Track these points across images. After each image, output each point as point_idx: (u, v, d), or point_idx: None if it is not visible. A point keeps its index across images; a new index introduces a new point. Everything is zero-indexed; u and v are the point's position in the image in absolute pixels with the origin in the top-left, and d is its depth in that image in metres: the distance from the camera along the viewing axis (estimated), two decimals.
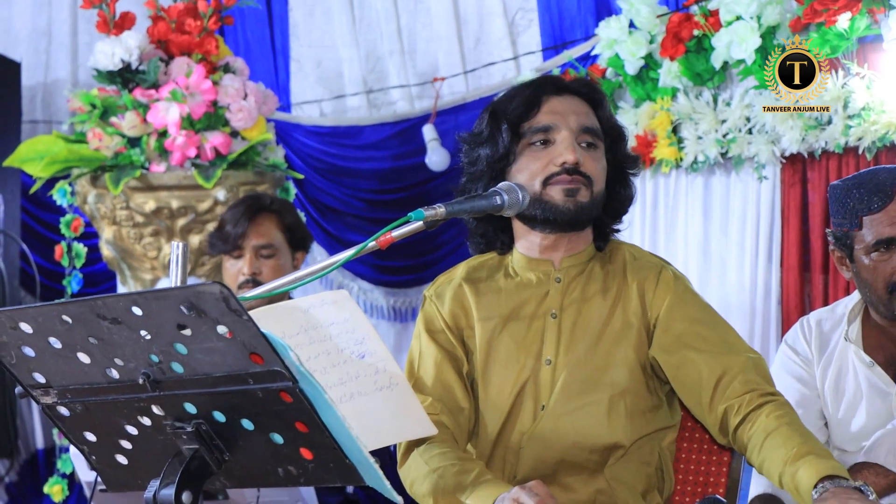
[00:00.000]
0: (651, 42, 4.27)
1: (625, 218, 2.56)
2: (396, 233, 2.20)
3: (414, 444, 2.38)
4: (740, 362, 2.33)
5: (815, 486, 2.04)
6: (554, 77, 2.57)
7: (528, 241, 2.51)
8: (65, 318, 1.68)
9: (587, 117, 2.46)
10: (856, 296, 2.95)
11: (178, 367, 1.68)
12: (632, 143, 4.19)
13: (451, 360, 2.48)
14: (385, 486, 1.71)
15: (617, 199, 2.52)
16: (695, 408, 2.38)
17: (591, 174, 2.42)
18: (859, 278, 2.87)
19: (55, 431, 5.31)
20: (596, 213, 2.45)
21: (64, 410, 1.82)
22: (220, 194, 4.58)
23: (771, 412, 2.23)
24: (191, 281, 4.11)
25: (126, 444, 1.83)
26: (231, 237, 3.92)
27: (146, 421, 1.77)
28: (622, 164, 2.52)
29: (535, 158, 2.42)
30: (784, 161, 3.99)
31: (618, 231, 2.56)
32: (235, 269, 3.92)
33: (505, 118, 2.45)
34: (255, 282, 3.85)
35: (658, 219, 4.41)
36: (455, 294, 2.52)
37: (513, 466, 2.41)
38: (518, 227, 2.51)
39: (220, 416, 1.72)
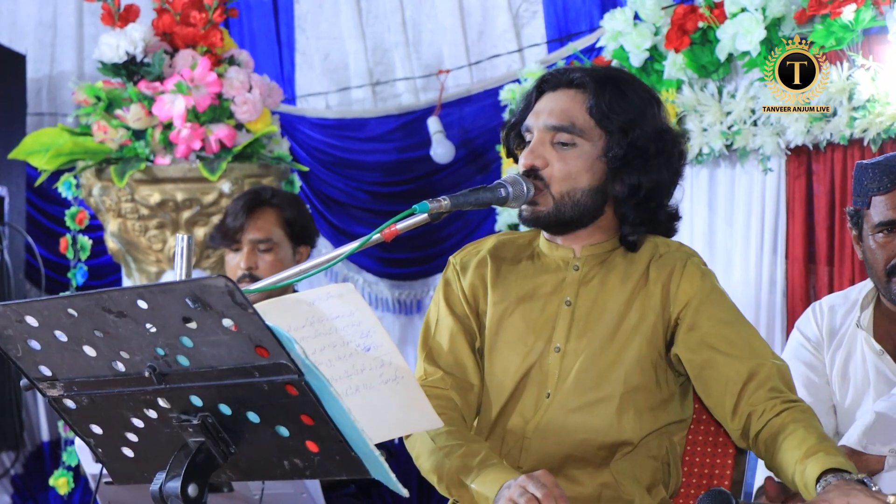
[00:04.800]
0: (656, 34, 4.26)
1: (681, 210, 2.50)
2: (401, 225, 2.19)
3: None
4: (766, 368, 2.31)
5: (819, 480, 2.04)
6: (556, 72, 2.51)
7: None
8: (70, 311, 1.68)
9: (561, 115, 2.40)
10: (870, 282, 2.95)
11: (183, 360, 1.68)
12: None
13: (466, 333, 2.48)
14: (391, 479, 1.71)
15: (619, 193, 2.42)
16: (717, 410, 2.36)
17: (547, 177, 2.38)
18: (864, 258, 2.88)
19: (61, 424, 5.32)
20: (570, 214, 2.39)
21: (70, 403, 1.82)
22: (225, 187, 4.58)
23: (791, 417, 2.23)
24: (195, 274, 4.12)
25: (132, 437, 1.83)
26: (229, 231, 3.91)
27: (152, 414, 1.77)
28: (624, 155, 2.39)
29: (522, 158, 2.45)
30: (789, 153, 3.98)
31: (643, 224, 2.44)
32: (234, 263, 3.91)
33: (510, 122, 2.52)
34: (252, 276, 3.83)
35: None
36: (478, 268, 2.51)
37: (516, 457, 2.40)
38: None
39: (225, 409, 1.72)
